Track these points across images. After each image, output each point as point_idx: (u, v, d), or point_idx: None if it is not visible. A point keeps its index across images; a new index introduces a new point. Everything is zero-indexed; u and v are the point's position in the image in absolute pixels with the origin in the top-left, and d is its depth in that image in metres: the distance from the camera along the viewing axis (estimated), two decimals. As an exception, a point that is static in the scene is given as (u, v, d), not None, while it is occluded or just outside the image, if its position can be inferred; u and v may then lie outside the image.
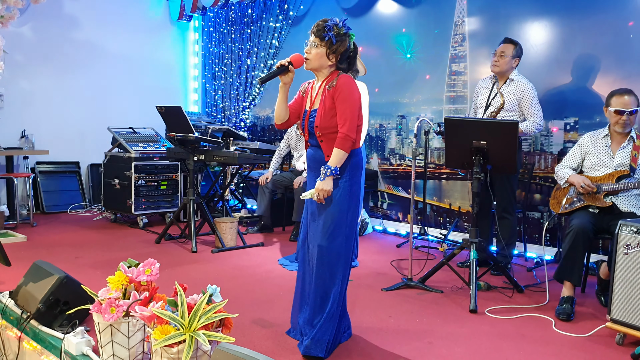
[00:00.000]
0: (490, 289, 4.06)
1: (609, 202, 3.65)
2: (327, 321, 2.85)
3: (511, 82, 4.41)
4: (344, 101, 2.82)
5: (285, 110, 3.03)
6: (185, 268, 4.49)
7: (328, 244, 2.86)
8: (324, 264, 2.88)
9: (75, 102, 7.26)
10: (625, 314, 3.04)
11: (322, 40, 2.86)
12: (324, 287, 2.89)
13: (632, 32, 4.50)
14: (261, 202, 6.02)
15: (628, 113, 3.62)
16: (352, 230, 2.96)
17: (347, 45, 2.89)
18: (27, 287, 3.09)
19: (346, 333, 3.07)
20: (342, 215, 2.88)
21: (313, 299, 2.90)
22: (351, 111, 2.82)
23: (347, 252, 2.93)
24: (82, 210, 7.03)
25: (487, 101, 4.50)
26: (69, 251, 4.91)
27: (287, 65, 2.91)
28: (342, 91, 2.83)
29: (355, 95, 2.86)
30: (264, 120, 7.73)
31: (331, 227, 2.86)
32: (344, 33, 2.88)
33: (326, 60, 2.88)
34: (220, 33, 8.08)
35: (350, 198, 2.90)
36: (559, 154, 4.88)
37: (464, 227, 5.57)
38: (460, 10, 5.55)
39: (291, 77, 2.95)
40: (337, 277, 2.89)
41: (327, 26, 2.86)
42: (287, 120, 3.06)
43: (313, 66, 2.91)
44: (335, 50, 2.86)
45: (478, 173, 3.85)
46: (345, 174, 2.88)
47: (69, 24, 7.22)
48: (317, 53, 2.87)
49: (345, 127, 2.81)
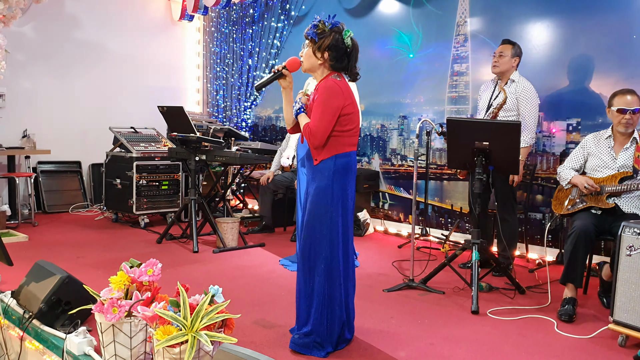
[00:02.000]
0: (492, 290, 4.05)
1: (612, 204, 3.64)
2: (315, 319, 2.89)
3: (512, 82, 4.41)
4: (318, 105, 2.83)
5: (291, 114, 3.04)
6: (187, 268, 4.49)
7: (304, 239, 2.90)
8: (303, 258, 2.92)
9: (77, 102, 7.26)
10: (628, 316, 3.03)
11: (307, 39, 2.89)
12: (307, 283, 2.92)
13: (635, 32, 4.49)
14: (263, 202, 6.02)
15: (630, 112, 3.62)
16: (332, 232, 2.88)
17: (333, 41, 2.84)
18: (29, 286, 3.10)
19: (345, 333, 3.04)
20: (318, 212, 2.86)
21: (301, 295, 2.95)
22: (320, 115, 2.80)
23: (325, 250, 2.88)
24: (83, 210, 7.03)
25: (489, 102, 4.50)
26: (71, 251, 4.91)
27: (282, 70, 2.93)
28: (320, 94, 2.84)
29: (332, 102, 2.81)
30: (266, 120, 7.73)
31: (310, 222, 2.87)
32: (329, 29, 2.85)
33: (315, 59, 2.88)
34: (221, 33, 8.08)
35: (332, 199, 2.86)
36: (561, 155, 4.88)
37: (466, 228, 5.56)
38: (462, 11, 5.54)
39: (289, 81, 2.97)
40: (315, 273, 2.89)
41: (312, 25, 2.88)
42: (296, 124, 3.06)
43: (305, 67, 2.94)
44: (320, 46, 2.85)
45: (480, 174, 3.85)
46: (327, 174, 2.85)
47: (71, 23, 7.22)
48: (307, 53, 2.91)
49: (311, 123, 2.82)
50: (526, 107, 4.32)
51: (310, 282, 2.91)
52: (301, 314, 2.97)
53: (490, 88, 4.57)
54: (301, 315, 2.96)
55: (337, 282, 2.91)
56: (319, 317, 2.87)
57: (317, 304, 2.88)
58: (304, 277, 2.93)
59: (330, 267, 2.89)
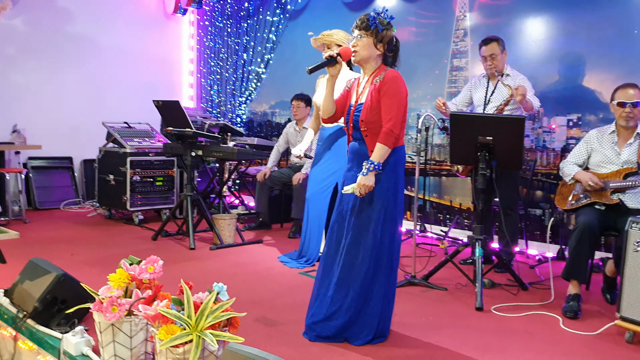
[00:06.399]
0: (494, 287, 4.01)
1: (616, 200, 3.60)
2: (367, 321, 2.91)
3: (507, 76, 4.36)
4: (391, 96, 2.82)
5: (333, 103, 3.03)
6: (184, 265, 4.41)
7: (373, 238, 2.87)
8: (365, 261, 2.87)
9: (68, 97, 7.13)
10: (636, 312, 2.99)
11: (367, 31, 2.88)
12: (365, 287, 2.89)
13: (636, 27, 4.46)
14: (259, 199, 5.94)
15: (631, 105, 3.58)
16: (397, 226, 2.95)
17: (392, 35, 2.92)
18: (23, 285, 3.00)
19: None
20: (385, 210, 2.87)
21: (349, 301, 2.90)
22: (397, 107, 2.82)
23: (391, 248, 2.92)
24: (75, 207, 6.92)
25: (485, 98, 4.44)
26: (64, 248, 4.81)
27: (336, 57, 2.91)
28: (390, 86, 2.83)
29: (402, 91, 2.86)
30: (261, 116, 7.64)
31: (376, 221, 2.87)
32: (387, 22, 2.91)
33: (374, 49, 2.90)
34: (216, 27, 7.97)
35: (396, 193, 2.90)
36: (562, 151, 4.84)
37: (464, 225, 5.51)
38: (462, 5, 5.49)
39: (339, 70, 2.95)
40: (380, 275, 2.90)
41: (370, 17, 2.90)
42: (334, 114, 3.06)
43: (362, 56, 2.91)
44: (382, 38, 2.89)
45: (483, 169, 3.79)
46: (387, 169, 2.87)
47: (63, 16, 7.09)
48: (365, 43, 2.89)
49: (390, 123, 2.80)
50: (530, 94, 4.28)
51: (370, 284, 2.93)
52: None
53: (484, 83, 4.51)
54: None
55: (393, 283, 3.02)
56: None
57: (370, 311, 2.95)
58: (361, 281, 2.91)
59: (391, 268, 2.97)
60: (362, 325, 2.90)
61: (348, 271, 2.91)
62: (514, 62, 4.67)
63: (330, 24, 4.56)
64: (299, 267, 4.42)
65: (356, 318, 2.91)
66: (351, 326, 2.91)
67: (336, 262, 2.97)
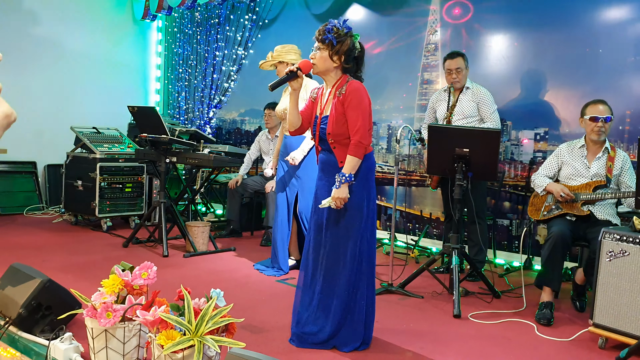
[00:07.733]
0: (468, 295, 4.11)
1: (587, 211, 3.76)
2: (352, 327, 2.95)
3: (467, 89, 4.55)
4: (355, 108, 2.86)
5: (298, 116, 3.05)
6: (160, 273, 4.27)
7: (353, 246, 2.90)
8: (346, 268, 2.91)
9: (33, 100, 6.96)
10: (608, 319, 3.13)
11: (323, 43, 2.90)
12: (349, 294, 2.92)
13: (601, 46, 4.68)
14: (231, 206, 5.92)
15: (603, 120, 3.75)
16: (374, 233, 3.01)
17: (349, 45, 2.91)
18: (4, 290, 2.93)
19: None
20: (361, 219, 2.91)
21: (335, 309, 2.94)
22: (362, 117, 2.86)
23: (370, 254, 2.97)
24: (39, 213, 6.74)
25: (447, 111, 4.61)
26: (34, 254, 4.68)
27: (296, 71, 2.93)
28: (353, 97, 2.86)
29: (365, 101, 2.89)
30: (230, 123, 7.63)
31: (353, 230, 2.90)
32: (344, 33, 2.91)
33: (331, 62, 2.91)
34: (184, 34, 7.92)
35: (369, 200, 2.94)
36: (530, 163, 5.02)
37: (433, 234, 5.64)
38: (433, 20, 5.64)
39: (300, 83, 2.97)
40: (362, 281, 2.94)
41: (327, 29, 2.92)
42: (300, 126, 3.08)
43: (319, 69, 2.94)
44: (337, 51, 2.90)
45: (460, 180, 3.91)
46: (359, 177, 2.90)
47: (29, 19, 6.94)
48: (322, 57, 2.91)
49: (358, 135, 2.84)
50: (488, 110, 4.50)
51: (352, 294, 2.98)
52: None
53: (444, 97, 4.69)
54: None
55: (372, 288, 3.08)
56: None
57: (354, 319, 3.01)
58: (343, 292, 2.95)
59: (370, 274, 3.04)
60: (349, 332, 2.95)
61: (330, 279, 2.95)
62: (482, 78, 4.84)
63: (300, 35, 4.63)
64: (275, 274, 4.44)
65: (343, 325, 2.95)
66: (338, 334, 2.95)
67: (318, 270, 3.01)
